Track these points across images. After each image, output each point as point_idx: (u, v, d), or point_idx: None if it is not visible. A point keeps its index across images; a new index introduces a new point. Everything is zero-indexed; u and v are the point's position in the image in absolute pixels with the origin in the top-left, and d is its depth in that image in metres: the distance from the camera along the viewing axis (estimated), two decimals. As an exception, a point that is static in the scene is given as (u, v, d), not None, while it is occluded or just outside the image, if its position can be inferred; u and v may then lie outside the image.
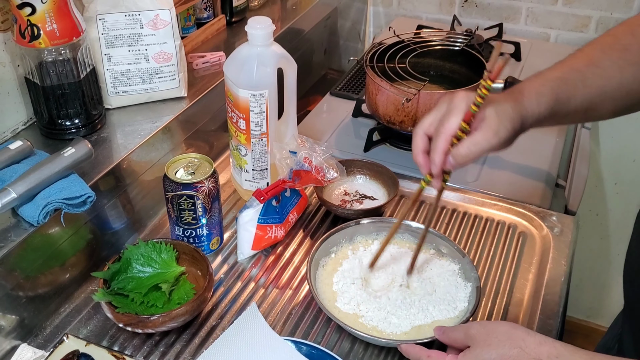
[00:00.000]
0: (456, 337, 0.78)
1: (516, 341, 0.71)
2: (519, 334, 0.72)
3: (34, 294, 0.90)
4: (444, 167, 0.80)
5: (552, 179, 1.25)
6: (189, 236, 1.01)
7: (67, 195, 0.88)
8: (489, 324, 0.77)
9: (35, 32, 0.94)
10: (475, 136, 0.78)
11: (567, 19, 1.78)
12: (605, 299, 2.17)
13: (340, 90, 1.55)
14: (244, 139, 1.07)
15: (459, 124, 0.78)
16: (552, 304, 0.96)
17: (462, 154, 0.78)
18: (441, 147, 0.79)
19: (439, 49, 1.38)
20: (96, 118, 1.07)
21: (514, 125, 0.78)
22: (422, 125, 0.83)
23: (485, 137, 0.77)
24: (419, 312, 0.90)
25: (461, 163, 0.79)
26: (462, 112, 0.78)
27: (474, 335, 0.75)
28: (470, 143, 0.78)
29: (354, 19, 1.96)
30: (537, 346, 0.70)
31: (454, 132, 0.79)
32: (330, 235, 1.00)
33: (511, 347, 0.71)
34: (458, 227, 1.11)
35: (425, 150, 0.82)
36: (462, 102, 0.79)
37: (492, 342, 0.72)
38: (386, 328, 0.88)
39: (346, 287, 0.94)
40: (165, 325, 0.87)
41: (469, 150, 0.78)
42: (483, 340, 0.73)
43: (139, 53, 1.10)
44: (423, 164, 0.83)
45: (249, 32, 1.01)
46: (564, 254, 1.05)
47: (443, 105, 0.82)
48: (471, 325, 0.77)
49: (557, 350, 0.69)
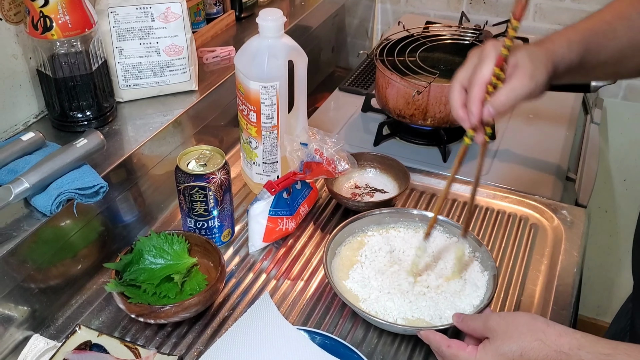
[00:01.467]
0: (475, 326, 0.77)
1: (536, 333, 0.70)
2: (539, 325, 0.71)
3: (45, 285, 0.90)
4: (482, 117, 0.79)
5: (562, 172, 1.25)
6: (200, 228, 1.01)
7: (80, 185, 0.88)
8: (508, 315, 0.76)
9: (48, 23, 0.94)
10: (511, 82, 0.77)
11: (575, 15, 1.77)
12: (614, 297, 2.16)
13: (349, 85, 1.55)
14: (255, 131, 1.07)
15: (492, 70, 0.77)
16: (564, 295, 0.96)
17: (501, 101, 0.77)
18: (477, 96, 0.78)
19: (448, 43, 1.38)
20: (107, 111, 1.07)
21: (547, 69, 0.78)
22: (458, 78, 0.82)
23: (522, 82, 0.76)
24: (437, 300, 0.89)
25: (501, 111, 0.77)
26: (494, 58, 0.77)
27: (493, 327, 0.74)
28: (508, 89, 0.77)
29: (361, 16, 1.96)
30: (558, 337, 0.69)
31: (488, 79, 0.78)
32: (347, 225, 1.00)
33: (532, 339, 0.70)
34: (469, 219, 1.11)
35: (463, 103, 0.81)
36: (492, 49, 0.78)
37: (512, 335, 0.71)
38: (402, 314, 0.88)
39: (364, 275, 0.94)
40: (177, 316, 0.87)
41: (506, 97, 0.77)
42: (503, 332, 0.72)
43: (150, 46, 1.10)
44: (464, 116, 0.81)
45: (260, 24, 1.01)
46: (575, 245, 1.05)
47: (474, 57, 0.81)
48: (490, 316, 0.76)
49: (578, 341, 0.68)
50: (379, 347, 0.88)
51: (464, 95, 0.81)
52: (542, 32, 1.82)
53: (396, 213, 1.04)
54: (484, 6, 1.85)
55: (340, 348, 0.84)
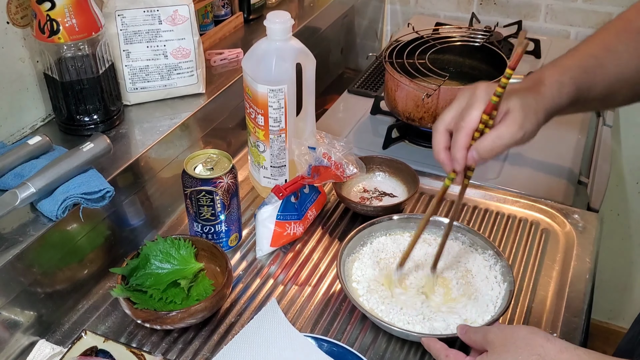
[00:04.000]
0: (475, 339, 0.76)
1: (535, 348, 0.68)
2: (538, 340, 0.69)
3: (52, 290, 0.90)
4: (466, 162, 0.78)
5: (574, 175, 1.23)
6: (207, 232, 1.00)
7: (86, 190, 0.88)
8: (507, 329, 0.74)
9: (55, 27, 0.94)
10: (499, 129, 0.76)
11: (587, 16, 1.75)
12: (626, 300, 2.13)
13: (358, 87, 1.53)
14: (263, 135, 1.06)
15: (479, 116, 0.76)
16: (576, 301, 0.94)
17: (487, 148, 0.76)
18: (462, 143, 0.77)
19: (458, 45, 1.37)
20: (114, 114, 1.07)
21: (537, 118, 0.77)
22: (443, 120, 0.80)
23: (510, 130, 0.75)
24: (448, 310, 0.88)
25: (485, 157, 0.76)
26: (483, 103, 0.76)
27: (492, 339, 0.73)
28: (495, 137, 0.75)
29: (371, 17, 1.95)
30: (558, 354, 0.67)
31: (475, 125, 0.76)
32: (359, 232, 0.99)
33: (530, 353, 0.68)
34: (480, 224, 1.10)
35: (446, 146, 0.80)
36: (482, 94, 0.76)
37: (509, 348, 0.70)
38: (415, 321, 0.87)
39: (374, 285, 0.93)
40: (183, 322, 0.87)
41: (493, 144, 0.76)
42: (501, 345, 0.71)
43: (157, 49, 1.10)
44: (446, 161, 0.80)
45: (268, 27, 1.00)
46: (588, 251, 1.03)
47: (463, 98, 0.79)
48: (490, 329, 0.75)
49: (580, 357, 0.67)
50: (388, 354, 0.87)
51: (448, 138, 0.80)
52: (554, 33, 1.80)
53: (407, 219, 1.03)
54: (494, 7, 1.84)
55: (347, 355, 0.83)
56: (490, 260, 0.95)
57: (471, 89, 0.79)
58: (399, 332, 0.85)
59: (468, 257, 0.97)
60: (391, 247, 1.00)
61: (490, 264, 0.95)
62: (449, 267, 0.95)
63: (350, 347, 0.84)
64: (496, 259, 0.94)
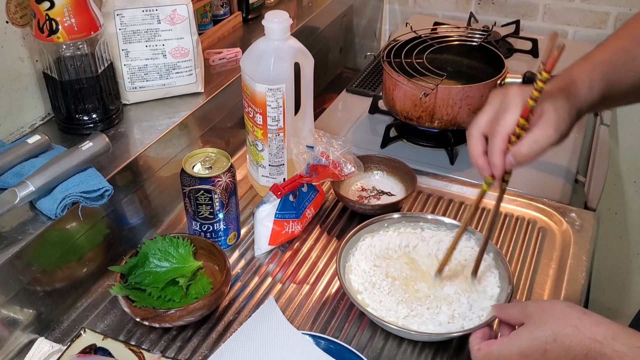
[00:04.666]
0: (512, 312, 0.77)
1: (571, 320, 0.70)
2: (575, 313, 0.71)
3: (51, 288, 0.90)
4: (504, 167, 0.77)
5: (571, 174, 1.24)
6: (206, 231, 1.00)
7: (85, 188, 0.88)
8: (545, 303, 0.75)
9: (54, 26, 0.94)
10: (535, 133, 0.75)
11: (585, 16, 1.76)
12: (624, 299, 2.14)
13: (356, 87, 1.54)
14: (261, 134, 1.06)
15: (516, 121, 0.75)
16: (573, 300, 0.95)
17: (524, 153, 0.75)
18: (499, 148, 0.76)
19: (456, 45, 1.37)
20: (113, 113, 1.07)
21: (571, 118, 0.76)
22: (477, 125, 0.79)
23: (546, 133, 0.74)
24: (446, 309, 0.89)
25: (522, 162, 0.76)
26: (519, 108, 0.75)
27: (530, 312, 0.74)
28: (531, 141, 0.75)
29: (369, 16, 1.95)
30: (593, 326, 0.69)
31: (511, 130, 0.75)
32: (359, 230, 0.99)
33: (566, 325, 0.70)
34: (477, 222, 1.10)
35: (484, 151, 0.79)
36: (517, 98, 0.76)
37: (547, 320, 0.71)
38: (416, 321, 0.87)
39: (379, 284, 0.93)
40: (182, 320, 0.87)
41: (530, 149, 0.75)
42: (538, 317, 0.72)
43: (156, 48, 1.10)
44: (484, 166, 0.79)
45: (266, 26, 1.00)
46: (584, 249, 1.04)
47: (496, 101, 0.78)
48: (527, 303, 0.77)
49: (614, 331, 0.68)
50: (385, 352, 0.87)
51: (484, 142, 0.79)
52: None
53: (405, 217, 1.03)
54: (492, 7, 1.84)
55: (345, 353, 0.83)
56: (490, 260, 0.96)
57: (503, 92, 0.78)
58: (397, 330, 0.86)
59: (467, 256, 0.98)
60: (391, 245, 1.00)
61: (489, 264, 0.95)
62: (448, 267, 0.96)
63: (348, 344, 0.85)
64: (496, 260, 0.95)
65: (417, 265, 0.96)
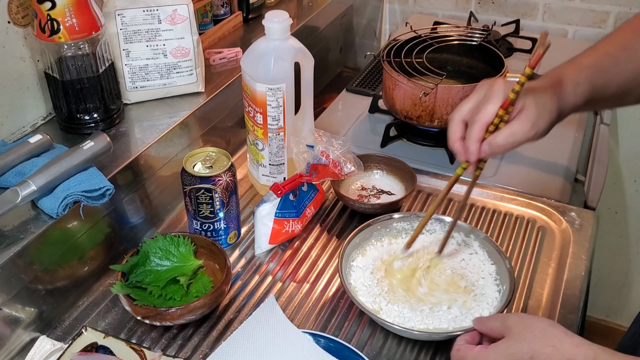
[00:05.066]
0: (492, 325, 0.77)
1: (551, 339, 0.69)
2: (556, 332, 0.70)
3: (52, 287, 0.90)
4: (479, 155, 0.79)
5: (571, 173, 1.24)
6: (206, 230, 1.01)
7: (86, 187, 0.89)
8: (527, 318, 0.74)
9: (55, 26, 0.95)
10: (512, 126, 0.77)
11: (585, 15, 1.76)
12: (624, 298, 2.14)
13: (356, 86, 1.54)
14: (261, 133, 1.07)
15: (495, 111, 0.77)
16: (572, 298, 0.95)
17: (499, 144, 0.78)
18: (476, 135, 0.79)
19: (456, 44, 1.38)
20: (114, 113, 1.08)
21: (551, 117, 0.78)
22: (459, 111, 0.82)
23: (523, 128, 0.77)
24: (446, 308, 0.89)
25: (496, 152, 0.79)
26: (500, 99, 0.77)
27: (510, 326, 0.73)
28: (508, 133, 0.77)
29: (369, 16, 1.96)
30: (574, 347, 0.68)
31: (490, 119, 0.78)
32: (361, 231, 0.99)
33: (545, 344, 0.69)
34: (477, 221, 1.11)
35: (461, 137, 0.81)
36: (500, 89, 0.78)
37: (526, 336, 0.70)
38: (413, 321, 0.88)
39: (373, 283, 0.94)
40: (183, 318, 0.87)
41: (505, 141, 0.77)
42: (518, 333, 0.72)
43: (157, 48, 1.11)
44: (461, 151, 0.81)
45: (266, 26, 1.01)
46: (584, 248, 1.04)
47: (481, 91, 0.81)
48: (509, 316, 0.76)
49: (595, 352, 0.67)
50: (385, 350, 0.88)
51: (463, 129, 0.82)
52: (552, 32, 1.81)
53: (409, 217, 1.03)
54: (492, 6, 1.85)
55: (345, 351, 0.84)
56: (492, 259, 0.96)
57: (489, 83, 0.81)
58: (398, 330, 0.86)
59: (469, 256, 0.98)
60: (393, 246, 1.00)
61: (491, 263, 0.95)
62: (449, 265, 0.96)
63: (348, 342, 0.85)
64: (497, 259, 0.95)
65: (418, 265, 0.96)
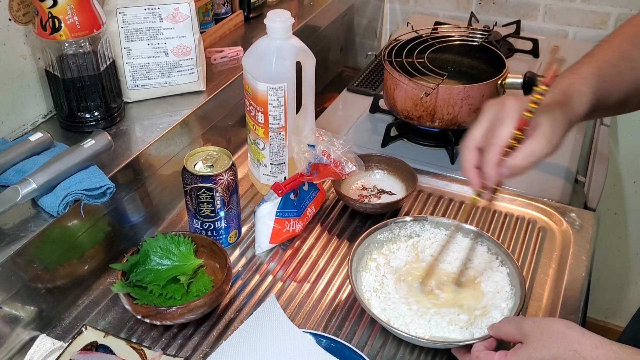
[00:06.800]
0: (507, 330, 0.76)
1: (571, 343, 0.68)
2: (574, 335, 0.69)
3: (52, 286, 0.90)
4: (499, 179, 0.78)
5: (571, 174, 1.24)
6: (207, 229, 1.01)
7: (87, 186, 0.88)
8: (543, 322, 0.73)
9: (56, 24, 0.94)
10: (530, 145, 0.75)
11: (585, 16, 1.76)
12: (623, 299, 2.14)
13: (357, 86, 1.54)
14: (262, 132, 1.07)
15: (511, 133, 0.75)
16: (573, 299, 0.95)
17: (519, 165, 0.75)
18: (494, 160, 0.76)
19: (457, 45, 1.38)
20: (115, 111, 1.08)
21: (564, 130, 0.77)
22: (472, 137, 0.79)
23: (540, 145, 0.75)
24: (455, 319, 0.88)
25: (516, 174, 0.76)
26: (514, 119, 0.75)
27: (527, 332, 0.72)
28: (527, 154, 0.75)
29: (370, 16, 1.96)
30: (594, 349, 0.68)
31: (506, 142, 0.76)
32: (371, 233, 0.99)
33: (566, 349, 0.68)
34: (477, 222, 1.10)
35: (476, 164, 0.79)
36: (513, 109, 0.76)
37: (546, 342, 0.70)
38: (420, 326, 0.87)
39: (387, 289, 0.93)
40: (183, 317, 0.87)
41: (525, 161, 0.75)
42: (537, 339, 0.71)
43: (158, 46, 1.10)
44: (474, 180, 0.80)
45: (268, 25, 1.01)
46: (584, 249, 1.04)
47: (491, 113, 0.78)
48: (524, 320, 0.75)
49: (616, 353, 0.67)
50: (385, 350, 0.88)
51: (478, 155, 0.79)
52: (552, 33, 1.81)
53: (420, 220, 1.02)
54: (493, 6, 1.85)
55: (345, 351, 0.84)
56: (501, 267, 0.95)
57: (499, 104, 0.78)
58: (407, 337, 0.85)
59: (480, 261, 0.97)
60: (403, 252, 0.99)
61: (500, 270, 0.94)
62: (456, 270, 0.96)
63: (349, 342, 0.85)
64: (507, 266, 0.94)
65: (430, 271, 0.95)
